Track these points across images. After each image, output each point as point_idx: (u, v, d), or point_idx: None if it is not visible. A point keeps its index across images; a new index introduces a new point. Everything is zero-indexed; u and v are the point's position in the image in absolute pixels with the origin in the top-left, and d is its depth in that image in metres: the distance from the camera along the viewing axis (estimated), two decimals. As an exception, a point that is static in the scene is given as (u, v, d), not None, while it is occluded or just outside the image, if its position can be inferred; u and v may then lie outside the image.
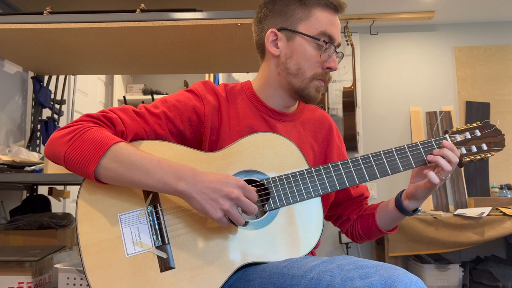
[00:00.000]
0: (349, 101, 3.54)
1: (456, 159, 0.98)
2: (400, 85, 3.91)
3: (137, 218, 0.92)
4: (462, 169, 3.68)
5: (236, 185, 0.86)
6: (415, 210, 1.09)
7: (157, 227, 0.91)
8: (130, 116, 0.98)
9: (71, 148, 0.89)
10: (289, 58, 1.05)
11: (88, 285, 0.87)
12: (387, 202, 1.14)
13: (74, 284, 1.57)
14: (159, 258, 0.89)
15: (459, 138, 1.04)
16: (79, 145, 0.89)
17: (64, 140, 0.90)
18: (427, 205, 3.62)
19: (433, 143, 1.02)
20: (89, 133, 0.90)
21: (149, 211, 0.92)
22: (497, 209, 3.13)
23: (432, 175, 0.98)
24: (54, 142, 0.92)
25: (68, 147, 0.89)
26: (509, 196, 3.39)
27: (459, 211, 3.15)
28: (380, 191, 3.75)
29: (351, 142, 3.50)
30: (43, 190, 2.40)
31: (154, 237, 0.90)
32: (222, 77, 3.73)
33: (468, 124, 1.07)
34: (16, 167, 1.76)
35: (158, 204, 0.93)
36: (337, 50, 1.06)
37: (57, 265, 1.61)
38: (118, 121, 0.95)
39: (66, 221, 2.00)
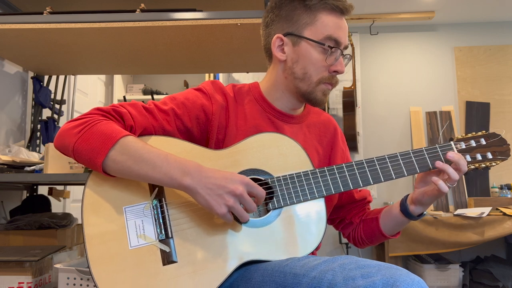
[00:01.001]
0: (349, 101, 3.54)
1: (465, 169, 0.98)
2: (400, 85, 3.91)
3: (142, 211, 0.92)
4: (462, 169, 3.68)
5: (241, 182, 0.87)
6: (420, 215, 1.09)
7: (161, 220, 0.92)
8: (139, 111, 0.99)
9: (80, 139, 0.90)
10: (295, 63, 1.05)
11: (91, 275, 0.88)
12: (391, 206, 1.14)
13: (74, 284, 1.56)
14: (162, 251, 0.90)
15: (464, 145, 1.05)
16: (88, 137, 0.90)
17: (74, 132, 0.92)
18: (427, 205, 3.62)
19: (438, 149, 1.02)
20: (99, 125, 0.91)
21: (154, 204, 0.93)
22: (497, 209, 3.13)
23: (442, 184, 0.98)
24: (64, 133, 0.93)
25: (78, 138, 0.90)
26: (509, 196, 3.39)
27: (459, 211, 3.15)
28: (380, 191, 3.76)
29: (351, 142, 3.50)
30: (43, 190, 2.39)
31: (158, 230, 0.91)
32: (222, 77, 3.73)
33: (474, 133, 1.07)
34: (16, 167, 1.76)
35: (163, 198, 0.94)
36: (345, 52, 1.07)
37: (57, 265, 1.60)
38: (128, 116, 0.96)
39: (66, 221, 2.00)
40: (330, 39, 1.03)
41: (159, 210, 0.93)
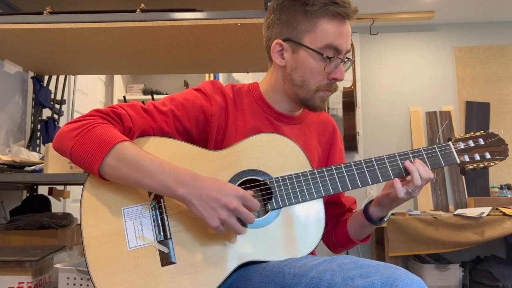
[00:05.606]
0: (349, 101, 3.54)
1: (427, 176, 0.96)
2: (400, 85, 3.91)
3: (141, 212, 0.93)
4: (462, 169, 3.68)
5: (235, 195, 0.86)
6: (381, 219, 1.08)
7: (159, 222, 0.92)
8: (138, 112, 0.99)
9: (78, 143, 0.90)
10: (294, 70, 1.04)
11: (89, 277, 0.88)
12: (359, 210, 1.13)
13: (74, 284, 1.56)
14: (161, 252, 0.90)
15: (462, 145, 1.05)
16: (86, 141, 0.90)
17: (72, 135, 0.92)
18: (427, 205, 3.62)
19: (436, 149, 1.03)
20: (97, 129, 0.91)
21: (152, 206, 0.93)
22: (497, 209, 3.13)
23: (398, 186, 0.97)
24: (62, 136, 0.94)
25: (75, 142, 0.91)
26: (509, 196, 3.39)
27: (459, 211, 3.15)
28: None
29: (351, 142, 3.50)
30: (43, 190, 2.39)
31: (157, 231, 0.91)
32: (222, 77, 3.73)
33: (472, 133, 1.07)
34: (16, 167, 1.76)
35: (161, 199, 0.94)
36: (348, 55, 1.05)
37: (57, 265, 1.60)
38: (127, 117, 0.96)
39: (66, 221, 1.99)
40: (330, 47, 1.01)
41: (157, 211, 0.93)
